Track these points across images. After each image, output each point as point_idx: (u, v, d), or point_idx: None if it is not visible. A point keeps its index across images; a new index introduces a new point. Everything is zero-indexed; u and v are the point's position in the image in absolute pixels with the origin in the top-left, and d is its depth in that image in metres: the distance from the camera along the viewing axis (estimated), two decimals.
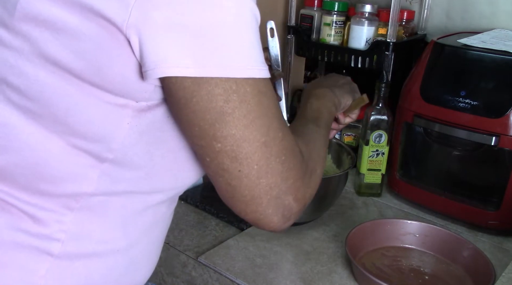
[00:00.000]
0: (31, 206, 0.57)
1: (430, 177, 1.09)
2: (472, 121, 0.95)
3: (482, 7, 1.19)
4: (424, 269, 0.88)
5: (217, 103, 0.51)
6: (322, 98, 0.80)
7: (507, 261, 0.91)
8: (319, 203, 0.97)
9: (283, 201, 0.57)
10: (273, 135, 0.54)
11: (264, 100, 0.53)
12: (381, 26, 1.18)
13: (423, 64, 1.03)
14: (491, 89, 0.94)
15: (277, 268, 0.87)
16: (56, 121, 0.54)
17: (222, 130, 0.52)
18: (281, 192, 0.56)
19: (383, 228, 0.93)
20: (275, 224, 0.58)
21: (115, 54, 0.51)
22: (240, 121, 0.52)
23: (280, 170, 0.55)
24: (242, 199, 0.56)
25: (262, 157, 0.54)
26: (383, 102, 1.07)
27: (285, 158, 0.56)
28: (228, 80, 0.50)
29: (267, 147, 0.54)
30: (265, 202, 0.56)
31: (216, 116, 0.51)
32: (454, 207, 1.03)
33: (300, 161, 0.59)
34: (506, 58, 0.94)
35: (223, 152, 0.53)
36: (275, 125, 0.55)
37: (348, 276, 0.85)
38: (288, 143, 0.57)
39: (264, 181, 0.55)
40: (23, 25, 0.52)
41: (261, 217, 0.57)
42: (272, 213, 0.57)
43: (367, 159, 1.09)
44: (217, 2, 0.50)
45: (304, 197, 0.59)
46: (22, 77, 0.54)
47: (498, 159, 0.97)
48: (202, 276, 0.89)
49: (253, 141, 0.53)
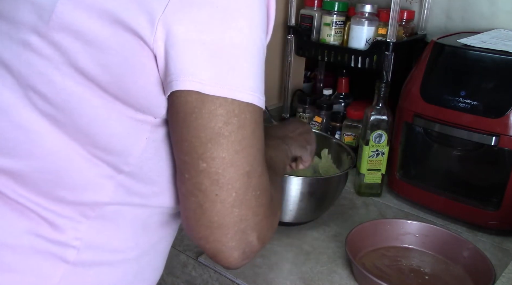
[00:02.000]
0: (50, 212, 0.57)
1: (430, 177, 1.09)
2: (472, 121, 0.95)
3: (482, 7, 1.19)
4: (424, 269, 0.88)
5: (216, 124, 0.51)
6: (275, 150, 0.78)
7: (507, 261, 0.91)
8: (319, 203, 0.97)
9: (247, 236, 0.55)
10: (255, 168, 0.54)
11: (257, 131, 0.54)
12: (381, 26, 1.18)
13: (423, 64, 1.03)
14: (491, 89, 0.94)
15: (277, 268, 0.87)
16: (78, 131, 0.55)
17: (212, 151, 0.51)
18: (248, 226, 0.55)
19: (383, 228, 0.93)
20: (234, 259, 0.56)
21: (139, 68, 0.52)
22: (233, 146, 0.52)
23: (253, 204, 0.55)
24: (209, 224, 0.54)
25: (242, 186, 0.53)
26: (383, 102, 1.07)
27: (259, 193, 0.55)
28: (232, 103, 0.51)
29: (249, 177, 0.53)
30: (231, 233, 0.54)
31: (212, 137, 0.51)
32: (454, 207, 1.03)
33: (270, 200, 0.58)
34: (506, 58, 0.94)
35: (206, 172, 0.52)
36: (258, 159, 0.55)
37: (348, 276, 0.85)
38: (264, 180, 0.56)
39: (237, 211, 0.53)
40: (56, 35, 0.53)
41: (222, 248, 0.55)
42: (235, 247, 0.55)
43: (367, 159, 1.09)
44: (236, 25, 0.51)
45: (265, 237, 0.58)
46: (50, 85, 0.54)
47: (498, 159, 0.97)
48: (202, 276, 0.89)
49: (239, 168, 0.53)
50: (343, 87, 1.34)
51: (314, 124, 1.31)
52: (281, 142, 0.82)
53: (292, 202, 0.93)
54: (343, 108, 1.33)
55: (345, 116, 1.28)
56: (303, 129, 0.88)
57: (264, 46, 0.54)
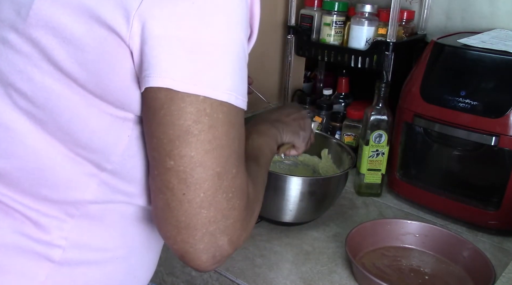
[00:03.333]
0: (34, 211, 0.57)
1: (430, 177, 1.09)
2: (472, 121, 0.95)
3: (482, 7, 1.19)
4: (424, 269, 0.88)
5: (185, 122, 0.50)
6: (264, 135, 0.77)
7: (507, 261, 0.91)
8: (319, 203, 0.97)
9: (217, 240, 0.54)
10: (228, 170, 0.53)
11: (231, 132, 0.52)
12: (381, 26, 1.18)
13: (423, 64, 1.03)
14: (491, 89, 0.94)
15: (277, 268, 0.87)
16: (59, 129, 0.55)
17: (180, 149, 0.50)
18: (218, 229, 0.53)
19: (383, 228, 0.93)
20: (202, 262, 0.54)
21: (117, 65, 0.51)
22: (202, 146, 0.50)
23: (224, 207, 0.53)
24: (176, 224, 0.53)
25: (211, 187, 0.52)
26: (383, 102, 1.07)
27: (232, 196, 0.54)
28: (204, 101, 0.50)
29: (219, 178, 0.52)
30: (199, 235, 0.53)
31: (179, 134, 0.50)
32: (454, 207, 1.03)
33: (245, 203, 0.56)
34: (506, 58, 0.94)
35: (174, 170, 0.51)
36: (232, 160, 0.53)
37: (348, 276, 0.85)
38: (239, 182, 0.55)
39: (205, 212, 0.52)
40: (34, 31, 0.53)
41: (190, 249, 0.53)
42: (203, 250, 0.53)
43: (367, 159, 1.09)
44: (213, 22, 0.50)
45: (238, 241, 0.56)
46: (30, 83, 0.54)
47: (498, 159, 0.97)
48: (202, 276, 0.89)
49: (208, 168, 0.51)
50: (343, 87, 1.34)
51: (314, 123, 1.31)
52: (271, 126, 0.79)
53: (292, 202, 0.93)
54: (343, 108, 1.33)
55: (345, 116, 1.28)
56: (298, 114, 0.86)
57: (244, 46, 0.53)
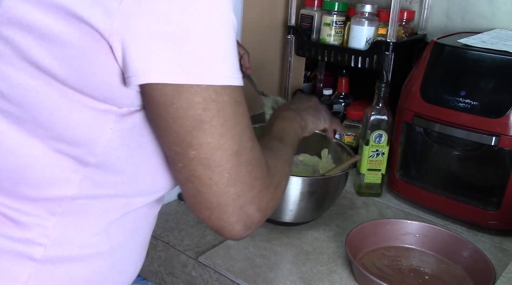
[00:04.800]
0: (14, 211, 0.57)
1: (430, 177, 1.09)
2: (472, 121, 0.95)
3: (482, 7, 1.19)
4: (424, 269, 0.88)
5: (196, 111, 0.51)
6: (288, 120, 0.83)
7: (507, 261, 0.91)
8: (319, 203, 0.97)
9: (246, 210, 0.57)
10: (244, 145, 0.55)
11: (239, 110, 0.54)
12: (381, 26, 1.18)
13: (423, 64, 1.03)
14: (491, 89, 0.94)
15: (277, 268, 0.87)
16: (39, 125, 0.54)
17: (198, 138, 0.52)
18: (246, 201, 0.57)
19: (383, 228, 0.93)
20: (237, 232, 0.59)
21: (98, 60, 0.51)
22: (216, 130, 0.53)
23: (247, 180, 0.56)
24: (209, 205, 0.56)
25: (233, 165, 0.55)
26: (383, 102, 1.07)
27: (252, 168, 0.57)
28: (207, 89, 0.51)
29: (238, 156, 0.55)
30: (230, 210, 0.56)
31: (194, 124, 0.52)
32: (454, 207, 1.03)
33: (266, 172, 0.60)
34: (506, 58, 0.94)
35: (197, 159, 0.53)
36: (246, 135, 0.56)
37: (348, 276, 0.85)
38: (256, 153, 0.58)
39: (232, 190, 0.55)
40: (5, 29, 0.52)
41: (225, 224, 0.57)
42: (236, 222, 0.57)
43: (367, 159, 1.09)
44: (198, 11, 0.50)
45: (266, 208, 0.60)
46: (5, 81, 0.53)
47: (498, 159, 0.97)
48: (202, 276, 0.89)
49: (226, 150, 0.54)
50: (343, 87, 1.34)
51: None
52: (295, 114, 0.86)
53: (292, 202, 0.93)
54: (343, 108, 1.33)
55: (345, 116, 1.28)
56: (311, 102, 0.94)
57: (233, 21, 0.53)
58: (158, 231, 0.96)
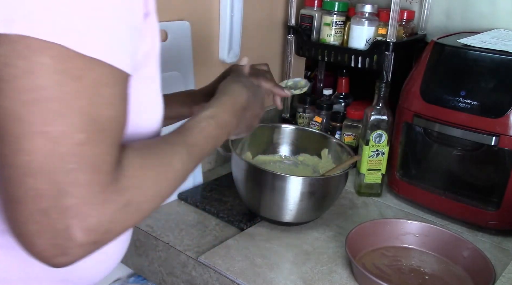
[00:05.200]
0: None
1: (430, 177, 1.09)
2: (472, 121, 0.95)
3: (482, 7, 1.19)
4: (424, 269, 0.88)
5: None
6: (221, 129, 0.63)
7: (507, 261, 0.91)
8: (319, 203, 0.97)
9: (55, 221, 0.42)
10: (67, 132, 0.42)
11: (69, 84, 0.42)
12: (381, 26, 1.18)
13: (423, 64, 1.03)
14: (491, 89, 0.94)
15: (277, 268, 0.87)
16: None
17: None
18: (55, 208, 0.41)
19: (383, 228, 0.93)
20: (39, 249, 0.43)
21: None
22: (18, 95, 0.41)
23: (60, 179, 0.42)
24: (3, 196, 0.43)
25: (39, 150, 0.41)
26: (383, 102, 1.07)
27: (73, 167, 0.42)
28: (18, 41, 0.41)
29: (51, 141, 0.41)
30: (26, 211, 0.42)
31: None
32: (454, 207, 1.03)
33: (102, 182, 0.44)
34: (506, 58, 0.94)
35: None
36: (77, 122, 0.42)
37: (348, 276, 0.85)
38: (90, 153, 0.43)
39: (31, 182, 0.41)
40: None
41: (20, 232, 0.43)
42: (35, 233, 0.42)
43: (367, 159, 1.09)
44: None
45: (99, 230, 0.44)
46: None
47: (498, 159, 0.97)
48: (202, 276, 0.89)
49: (29, 125, 0.41)
50: (343, 87, 1.34)
51: (314, 124, 1.31)
52: (233, 118, 0.66)
53: (292, 202, 0.93)
54: (343, 108, 1.33)
55: (345, 116, 1.28)
56: (258, 104, 0.74)
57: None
58: (158, 231, 0.97)
